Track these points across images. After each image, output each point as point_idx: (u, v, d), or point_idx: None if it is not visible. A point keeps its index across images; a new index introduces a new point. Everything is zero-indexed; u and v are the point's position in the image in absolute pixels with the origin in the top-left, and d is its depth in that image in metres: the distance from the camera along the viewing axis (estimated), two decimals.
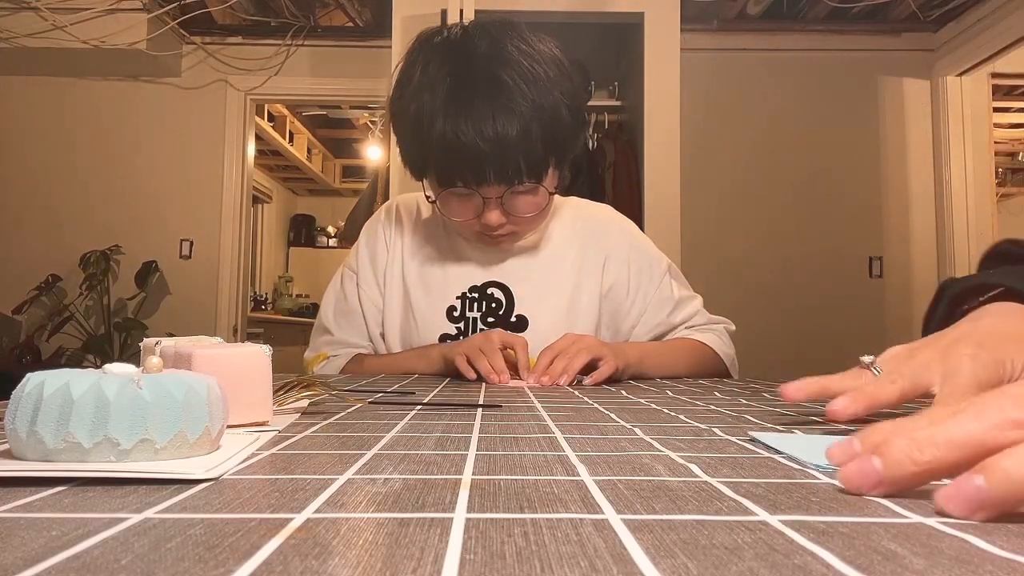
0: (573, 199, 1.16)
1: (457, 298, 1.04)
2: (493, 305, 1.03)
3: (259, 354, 0.44)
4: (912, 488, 0.24)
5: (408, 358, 1.01)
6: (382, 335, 1.09)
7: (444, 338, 1.03)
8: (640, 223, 2.67)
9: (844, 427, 0.45)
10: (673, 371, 1.00)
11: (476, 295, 1.04)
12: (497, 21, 0.95)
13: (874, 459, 0.24)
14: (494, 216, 0.93)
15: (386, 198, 2.88)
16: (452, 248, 1.07)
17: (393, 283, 1.07)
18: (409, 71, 0.93)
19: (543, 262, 1.06)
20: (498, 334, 0.90)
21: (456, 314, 1.04)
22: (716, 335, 1.08)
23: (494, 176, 0.88)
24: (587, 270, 1.07)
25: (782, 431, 0.42)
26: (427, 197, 0.97)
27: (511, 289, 1.04)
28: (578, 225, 1.10)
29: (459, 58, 0.89)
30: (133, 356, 0.41)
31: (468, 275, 1.05)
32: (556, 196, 1.06)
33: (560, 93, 0.90)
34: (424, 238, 1.09)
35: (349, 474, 0.29)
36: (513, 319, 1.02)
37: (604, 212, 1.16)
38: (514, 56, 0.88)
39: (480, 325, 1.03)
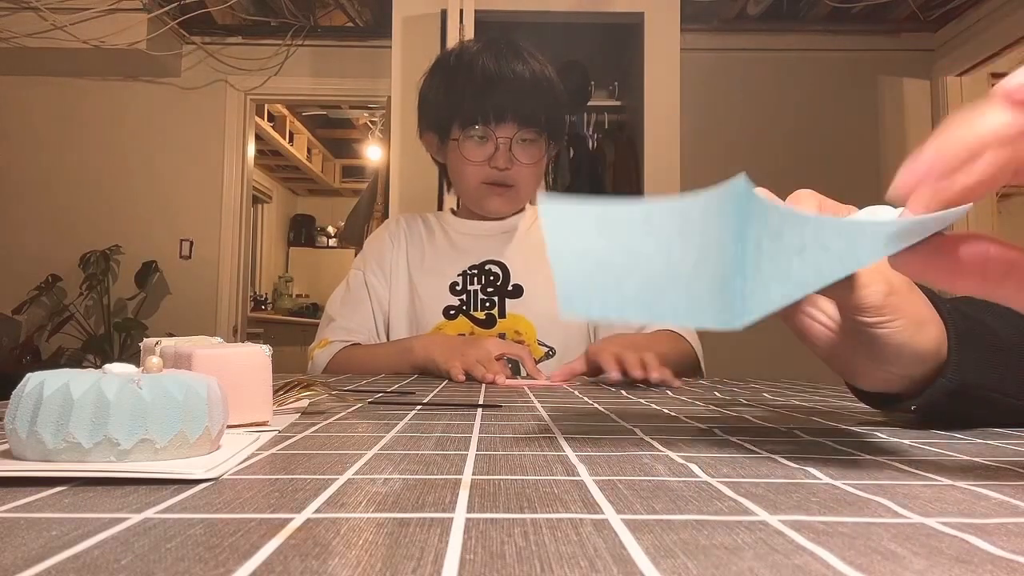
0: None
1: (459, 275, 1.16)
2: (492, 278, 1.15)
3: (259, 354, 0.44)
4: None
5: (390, 354, 1.06)
6: (387, 323, 1.18)
7: (448, 310, 1.14)
8: None
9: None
10: (665, 362, 1.02)
11: (476, 271, 1.16)
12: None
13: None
14: (503, 156, 1.10)
15: (386, 198, 2.89)
16: (451, 241, 1.20)
17: (399, 273, 1.20)
18: (440, 61, 1.18)
19: (533, 244, 1.20)
20: (496, 344, 0.94)
21: (458, 288, 1.15)
22: (686, 329, 1.12)
23: (511, 115, 1.08)
24: None
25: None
26: (454, 139, 1.13)
27: (507, 264, 1.16)
28: None
29: (486, 44, 1.13)
30: (133, 356, 0.41)
31: (467, 258, 1.17)
32: (535, 208, 1.24)
33: (555, 79, 1.13)
34: (426, 238, 1.22)
35: (349, 474, 0.29)
36: (510, 288, 1.14)
37: None
38: (527, 47, 1.13)
39: (481, 295, 1.14)
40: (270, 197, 6.51)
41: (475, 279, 1.15)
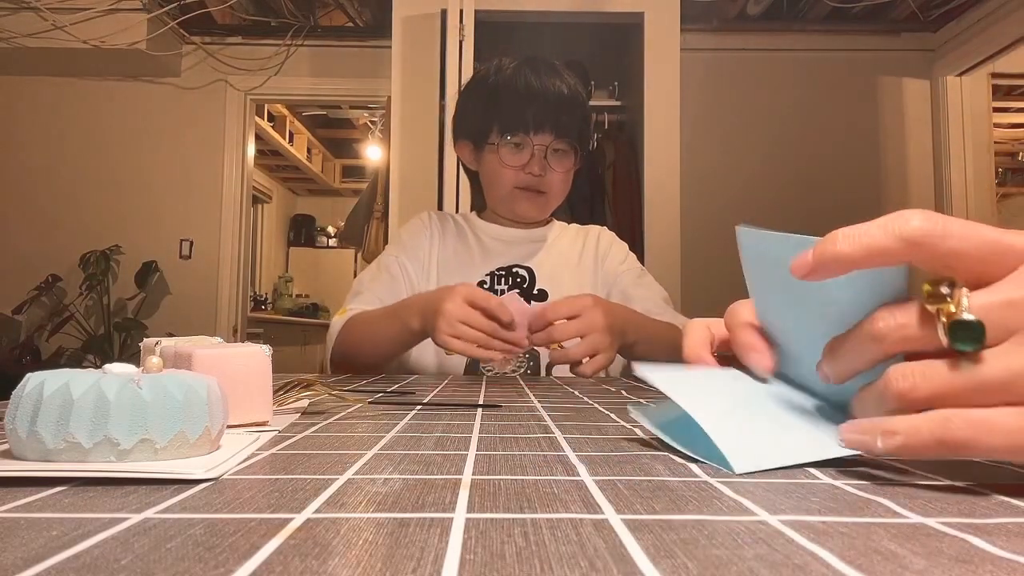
0: (575, 224, 1.36)
1: (486, 275, 1.20)
2: (518, 280, 1.20)
3: (259, 354, 0.44)
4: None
5: (388, 314, 1.03)
6: None
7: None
8: (640, 223, 2.68)
9: None
10: (655, 339, 1.03)
11: (503, 272, 1.20)
12: None
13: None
14: (538, 163, 1.15)
15: (386, 198, 2.89)
16: (480, 243, 1.24)
17: (431, 267, 1.23)
18: (479, 75, 1.24)
19: (557, 253, 1.25)
20: (464, 293, 0.90)
21: (485, 286, 1.18)
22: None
23: (548, 125, 1.14)
24: (587, 260, 1.27)
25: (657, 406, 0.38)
26: (491, 143, 1.17)
27: (533, 270, 1.20)
28: (580, 234, 1.32)
29: (525, 61, 1.18)
30: (133, 356, 0.41)
31: (496, 260, 1.21)
32: (562, 223, 1.31)
33: (585, 98, 1.21)
34: (456, 237, 1.26)
35: (349, 474, 0.29)
36: (536, 291, 1.19)
37: (599, 227, 1.36)
38: (561, 66, 1.19)
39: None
40: (270, 197, 6.52)
41: (502, 279, 1.19)
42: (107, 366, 0.31)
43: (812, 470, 0.30)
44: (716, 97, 3.37)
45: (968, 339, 0.25)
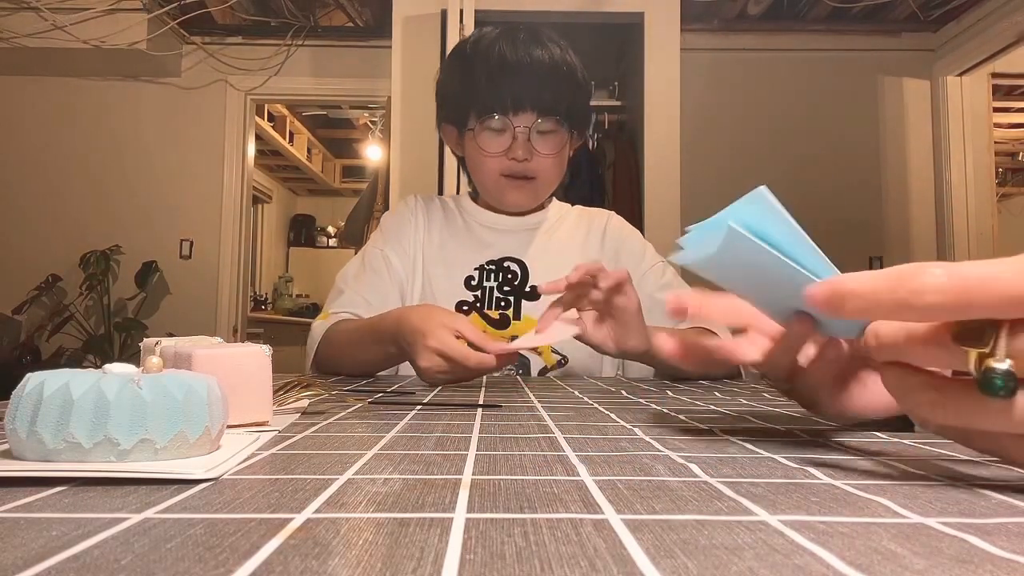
0: (579, 206, 1.25)
1: (475, 269, 1.11)
2: (509, 276, 1.10)
3: (259, 354, 0.44)
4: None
5: (367, 347, 0.94)
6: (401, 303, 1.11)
7: (460, 305, 1.07)
8: (640, 223, 2.68)
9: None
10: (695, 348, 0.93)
11: (493, 267, 1.11)
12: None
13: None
14: (521, 147, 1.05)
15: (386, 198, 2.89)
16: (470, 232, 1.15)
17: (417, 256, 1.14)
18: (458, 49, 1.14)
19: (555, 244, 1.15)
20: (433, 348, 0.78)
21: (473, 283, 1.10)
22: (722, 329, 1.05)
23: (529, 103, 1.03)
24: (590, 249, 1.16)
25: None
26: (470, 129, 1.08)
27: (526, 264, 1.11)
28: (584, 219, 1.20)
29: (504, 31, 1.08)
30: (133, 356, 0.41)
31: (486, 252, 1.12)
32: (564, 204, 1.20)
33: (578, 64, 1.08)
34: (444, 223, 1.17)
35: (349, 474, 0.29)
36: (527, 289, 1.09)
37: (606, 212, 1.24)
38: (548, 32, 1.09)
39: (496, 293, 1.09)
40: (270, 197, 6.52)
41: (492, 275, 1.10)
42: (107, 366, 0.31)
43: (812, 470, 0.30)
44: (716, 97, 3.37)
45: (996, 389, 0.23)
